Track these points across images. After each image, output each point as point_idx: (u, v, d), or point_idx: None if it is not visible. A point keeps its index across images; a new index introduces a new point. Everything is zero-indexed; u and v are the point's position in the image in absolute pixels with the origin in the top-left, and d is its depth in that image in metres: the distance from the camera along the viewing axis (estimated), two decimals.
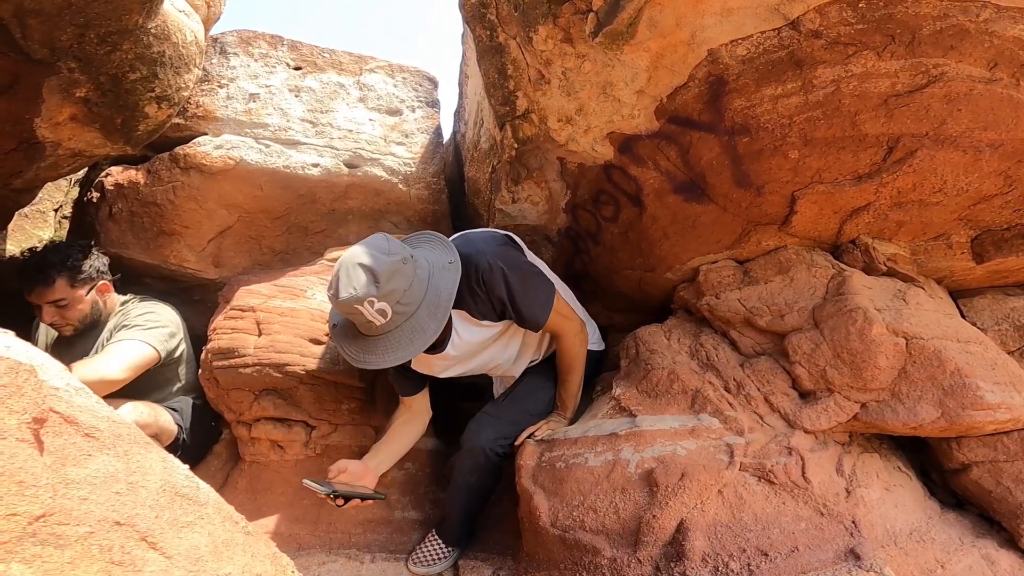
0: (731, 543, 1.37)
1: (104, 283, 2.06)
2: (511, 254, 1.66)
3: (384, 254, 1.42)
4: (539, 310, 1.66)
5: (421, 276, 1.47)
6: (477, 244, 1.62)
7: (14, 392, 0.54)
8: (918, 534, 1.45)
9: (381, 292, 1.39)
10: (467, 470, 1.76)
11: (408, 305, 1.44)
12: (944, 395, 1.42)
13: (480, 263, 1.56)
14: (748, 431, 1.50)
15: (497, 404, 1.87)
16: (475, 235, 1.71)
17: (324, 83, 2.35)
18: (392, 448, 1.79)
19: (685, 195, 1.65)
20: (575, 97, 1.61)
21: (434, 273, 1.50)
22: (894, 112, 1.32)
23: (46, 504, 0.50)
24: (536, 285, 1.67)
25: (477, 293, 1.59)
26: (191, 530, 0.67)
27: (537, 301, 1.65)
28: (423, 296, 1.46)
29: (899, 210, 1.54)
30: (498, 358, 1.85)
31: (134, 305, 2.08)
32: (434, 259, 1.55)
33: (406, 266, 1.43)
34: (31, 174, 1.84)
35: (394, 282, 1.40)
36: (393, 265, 1.41)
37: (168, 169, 2.12)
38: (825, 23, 1.22)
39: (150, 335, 1.95)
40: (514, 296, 1.60)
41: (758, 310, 1.66)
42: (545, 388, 1.88)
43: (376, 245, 1.45)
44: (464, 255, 1.57)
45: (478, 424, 1.78)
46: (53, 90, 1.56)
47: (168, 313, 2.09)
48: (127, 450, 0.65)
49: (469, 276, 1.57)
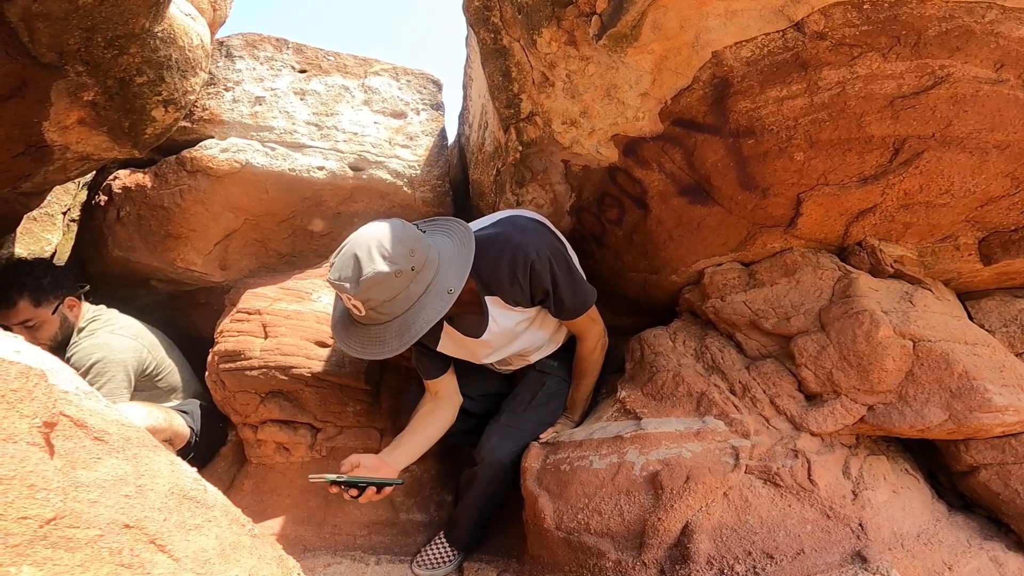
0: (736, 546, 1.36)
1: (71, 299, 2.00)
2: (559, 247, 1.62)
3: (383, 258, 1.34)
4: (580, 304, 1.66)
5: (412, 292, 1.38)
6: (530, 233, 1.58)
7: (25, 396, 0.55)
8: (925, 536, 1.44)
9: (358, 294, 1.34)
10: (486, 483, 1.73)
11: (383, 315, 1.38)
12: (952, 397, 1.41)
13: (530, 254, 1.52)
14: (754, 434, 1.49)
15: (515, 413, 1.80)
16: (525, 221, 1.65)
17: (329, 86, 2.36)
18: (414, 440, 1.67)
19: (690, 197, 1.64)
20: (579, 99, 1.61)
21: (428, 293, 1.41)
22: (900, 114, 1.31)
23: (57, 507, 0.50)
24: (580, 281, 1.65)
25: (518, 282, 1.54)
26: (199, 533, 0.67)
27: (579, 296, 1.64)
28: (401, 313, 1.38)
29: (906, 212, 1.53)
30: (535, 342, 1.80)
31: (85, 339, 1.95)
32: (440, 278, 1.44)
33: (398, 279, 1.35)
34: (39, 177, 1.85)
35: (374, 292, 1.34)
36: (381, 276, 1.33)
37: (175, 172, 2.14)
38: (830, 25, 1.22)
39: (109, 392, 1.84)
40: (559, 287, 1.58)
41: (764, 312, 1.65)
42: (563, 395, 1.86)
43: (383, 243, 1.36)
44: (515, 243, 1.53)
45: (499, 438, 1.73)
46: (61, 94, 1.57)
47: (116, 350, 1.95)
48: (136, 453, 0.65)
49: (515, 265, 1.52)
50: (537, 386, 1.84)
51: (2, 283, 1.87)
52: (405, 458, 1.64)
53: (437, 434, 1.72)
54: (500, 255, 1.53)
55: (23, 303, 1.86)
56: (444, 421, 1.74)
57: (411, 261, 1.37)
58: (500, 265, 1.53)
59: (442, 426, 1.74)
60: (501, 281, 1.54)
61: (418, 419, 1.72)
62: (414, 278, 1.37)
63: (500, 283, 1.55)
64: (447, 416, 1.75)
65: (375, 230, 1.39)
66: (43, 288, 1.91)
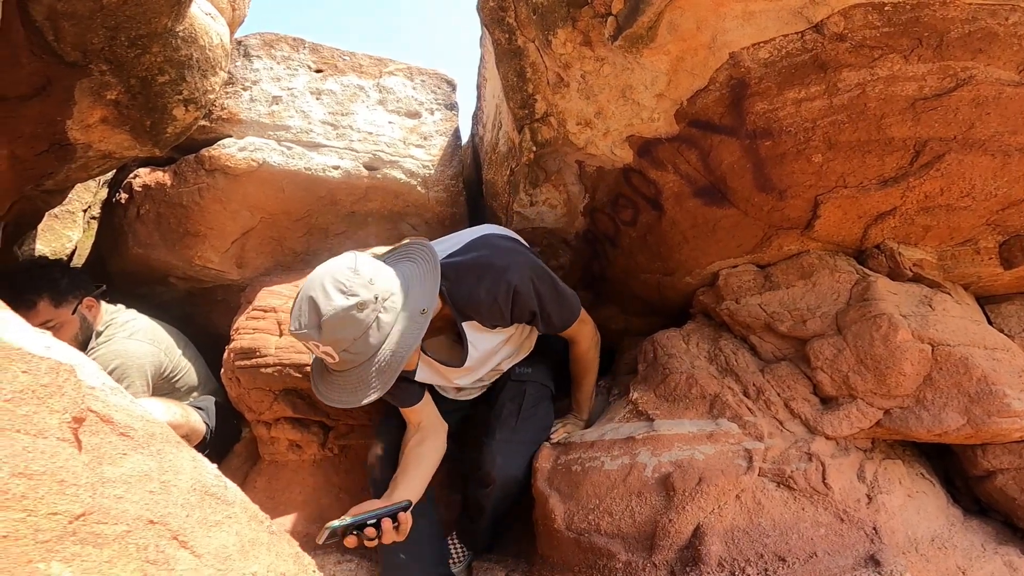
0: (748, 548, 1.36)
1: (89, 299, 1.99)
2: (537, 262, 1.57)
3: (340, 292, 1.24)
4: (568, 314, 1.63)
5: (384, 323, 1.28)
6: (508, 254, 1.51)
7: (55, 392, 0.56)
8: (940, 540, 1.43)
9: (324, 339, 1.24)
10: (499, 500, 1.70)
11: (358, 355, 1.27)
12: (970, 402, 1.39)
13: (512, 280, 1.44)
14: (767, 436, 1.48)
15: (510, 428, 1.71)
16: (499, 240, 1.58)
17: (344, 86, 2.38)
18: (411, 478, 1.56)
19: (705, 199, 1.64)
20: (594, 100, 1.61)
21: (400, 322, 1.30)
22: (921, 116, 1.30)
23: (86, 503, 0.51)
24: (564, 293, 1.60)
25: (499, 308, 1.47)
26: (220, 529, 0.68)
27: (566, 309, 1.61)
28: (376, 349, 1.28)
29: (926, 215, 1.51)
30: (508, 355, 1.75)
31: (102, 346, 1.94)
32: (410, 300, 1.35)
33: (362, 313, 1.24)
34: (62, 175, 1.88)
35: (341, 331, 1.24)
36: (342, 314, 1.23)
37: (194, 171, 2.16)
38: (850, 26, 1.21)
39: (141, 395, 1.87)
40: (545, 306, 1.54)
41: (779, 315, 1.64)
42: (545, 398, 1.82)
43: (337, 278, 1.26)
44: (496, 269, 1.45)
45: (503, 456, 1.66)
46: (85, 92, 1.60)
47: (134, 356, 1.95)
48: (160, 449, 0.67)
49: (496, 291, 1.44)
50: (519, 397, 1.77)
51: (20, 286, 1.85)
52: (407, 496, 1.53)
53: (433, 465, 1.64)
54: (479, 280, 1.45)
55: (43, 304, 1.85)
56: (436, 451, 1.66)
57: (372, 290, 1.27)
58: (478, 291, 1.45)
59: (436, 456, 1.65)
60: (479, 307, 1.47)
61: (408, 456, 1.61)
62: (381, 307, 1.27)
63: (477, 308, 1.48)
64: (437, 444, 1.67)
65: (326, 267, 1.30)
66: (61, 289, 1.90)
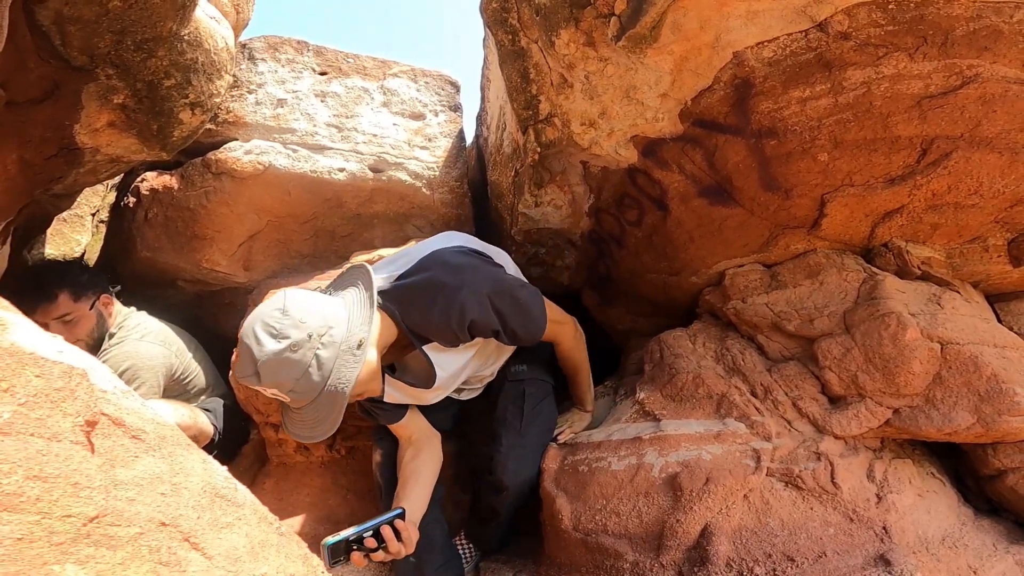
0: (756, 548, 1.36)
1: (106, 296, 2.03)
2: (494, 275, 1.48)
3: (271, 337, 1.21)
4: (534, 327, 1.54)
5: (324, 359, 1.23)
6: (461, 273, 1.42)
7: (68, 396, 0.57)
8: (951, 540, 1.42)
9: (265, 384, 1.22)
10: (512, 505, 1.70)
11: (304, 393, 1.23)
12: (980, 401, 1.38)
13: (468, 310, 1.38)
14: (775, 436, 1.48)
15: (515, 432, 1.70)
16: (453, 255, 1.49)
17: (349, 88, 2.39)
18: (410, 491, 1.54)
19: (711, 199, 1.63)
20: (598, 101, 1.61)
21: (340, 356, 1.25)
22: (928, 114, 1.29)
23: (99, 505, 0.52)
24: (528, 304, 1.51)
25: (453, 332, 1.41)
26: (230, 531, 0.69)
27: (531, 323, 1.52)
28: (323, 385, 1.23)
29: (934, 213, 1.50)
30: (481, 368, 1.70)
31: (115, 347, 1.96)
32: (349, 333, 1.29)
33: (296, 354, 1.20)
34: (70, 179, 1.90)
35: (279, 375, 1.21)
36: (274, 358, 1.19)
37: (200, 174, 2.18)
38: (854, 25, 1.20)
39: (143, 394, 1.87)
40: (507, 323, 1.46)
41: (786, 314, 1.64)
42: (547, 394, 1.80)
43: (266, 322, 1.23)
44: (448, 292, 1.38)
45: (514, 462, 1.65)
46: (92, 96, 1.61)
47: (146, 357, 1.96)
48: (171, 452, 0.67)
49: (450, 318, 1.38)
50: (520, 399, 1.74)
51: (40, 280, 1.90)
52: (410, 511, 1.50)
53: (432, 477, 1.62)
54: (431, 303, 1.39)
55: (63, 297, 1.89)
56: (432, 462, 1.63)
57: (304, 329, 1.22)
58: (431, 315, 1.39)
59: (433, 467, 1.63)
60: (434, 330, 1.42)
61: (405, 471, 1.59)
62: (318, 344, 1.23)
63: (434, 331, 1.42)
64: (432, 456, 1.64)
65: (257, 311, 1.28)
66: (82, 284, 1.94)
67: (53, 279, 1.90)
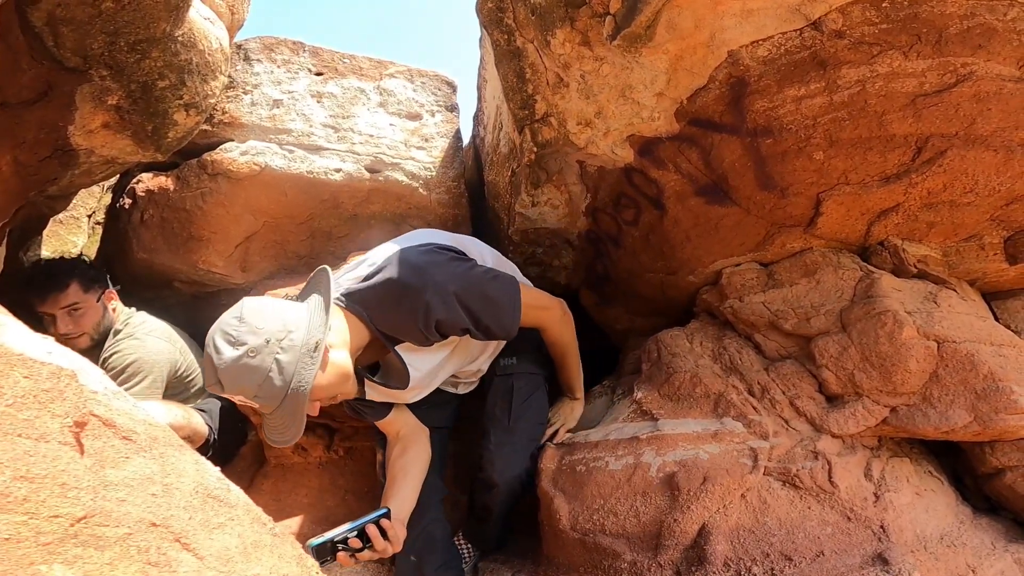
0: (754, 547, 1.36)
1: (110, 291, 2.08)
2: (460, 270, 1.44)
3: (229, 344, 1.20)
4: (508, 320, 1.48)
5: (285, 363, 1.21)
6: (425, 271, 1.38)
7: (56, 396, 0.57)
8: (949, 539, 1.42)
9: (229, 391, 1.22)
10: (504, 502, 1.70)
11: (268, 399, 1.22)
12: (977, 399, 1.38)
13: (431, 301, 1.35)
14: (773, 435, 1.48)
15: (504, 428, 1.68)
16: (415, 254, 1.44)
17: (345, 88, 2.38)
18: (398, 489, 1.54)
19: (707, 198, 1.63)
20: (594, 100, 1.61)
21: (300, 359, 1.24)
22: (922, 112, 1.29)
23: (87, 506, 0.52)
24: (499, 296, 1.47)
25: (421, 333, 1.39)
26: (222, 531, 0.68)
27: (503, 312, 1.47)
28: (286, 389, 1.22)
29: (929, 211, 1.50)
30: (462, 364, 1.68)
31: (121, 341, 2.00)
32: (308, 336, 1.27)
33: (255, 360, 1.19)
34: (65, 181, 1.90)
35: (240, 381, 1.20)
36: (233, 365, 1.19)
37: (196, 175, 2.17)
38: (848, 23, 1.20)
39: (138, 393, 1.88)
40: (479, 319, 1.43)
41: (783, 313, 1.63)
42: (537, 387, 1.76)
43: (224, 330, 1.22)
44: (412, 292, 1.36)
45: (502, 458, 1.65)
46: (86, 98, 1.61)
47: (152, 352, 1.99)
48: (162, 452, 0.67)
49: (415, 319, 1.36)
50: (508, 394, 1.72)
51: (51, 271, 1.96)
52: (398, 508, 1.51)
53: (420, 473, 1.62)
54: (396, 305, 1.37)
55: (74, 287, 1.94)
56: (420, 459, 1.63)
57: (261, 335, 1.21)
58: (397, 316, 1.38)
59: (421, 464, 1.62)
60: (403, 330, 1.40)
61: (393, 468, 1.61)
62: (278, 349, 1.22)
63: (402, 332, 1.41)
64: (419, 452, 1.64)
65: (219, 320, 1.27)
66: (90, 276, 2.01)
67: (64, 270, 1.96)
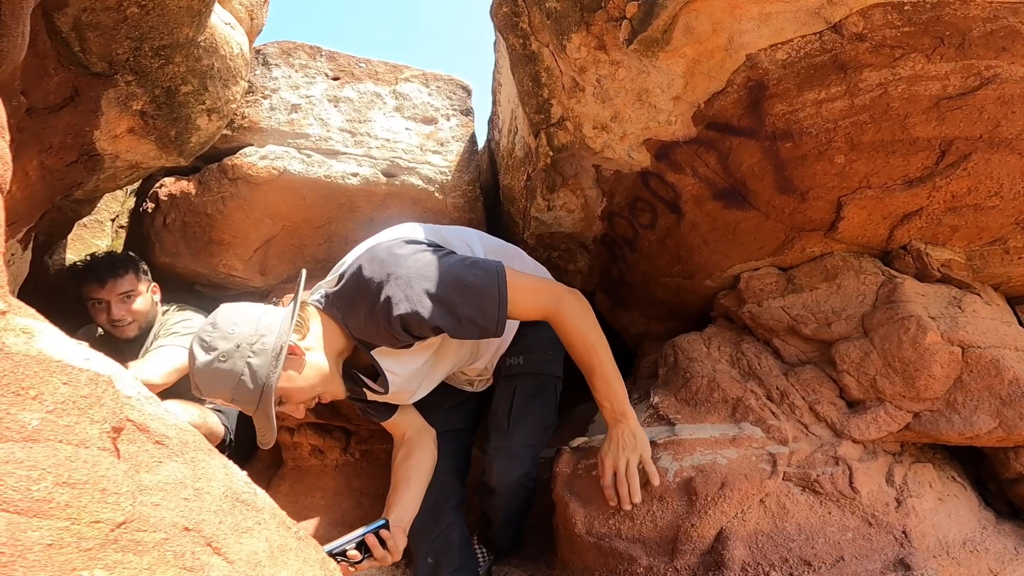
0: (773, 553, 1.35)
1: (155, 285, 2.18)
2: (427, 261, 1.32)
3: (202, 349, 1.22)
4: (492, 307, 1.31)
5: (258, 367, 1.21)
6: (386, 268, 1.31)
7: (95, 402, 0.58)
8: (971, 544, 1.40)
9: (207, 395, 1.23)
10: (505, 505, 1.68)
11: (245, 403, 1.23)
12: (1002, 405, 1.37)
13: (394, 297, 1.27)
14: (792, 440, 1.47)
15: (502, 432, 1.63)
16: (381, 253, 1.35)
17: (361, 93, 2.40)
18: (401, 495, 1.52)
19: (725, 202, 1.63)
20: (610, 104, 1.61)
21: (269, 363, 1.22)
22: (946, 115, 1.28)
23: (126, 511, 0.53)
24: (475, 278, 1.32)
25: (389, 333, 1.32)
26: (250, 535, 0.69)
27: (485, 298, 1.31)
28: (261, 392, 1.21)
29: (953, 214, 1.48)
30: (459, 363, 1.62)
31: (172, 314, 2.16)
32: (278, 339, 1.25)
33: (226, 364, 1.20)
34: (91, 185, 1.93)
35: (214, 385, 1.21)
36: (205, 369, 1.20)
37: (217, 180, 2.20)
38: (869, 26, 1.19)
39: (187, 340, 1.98)
40: (460, 313, 1.30)
41: (803, 318, 1.62)
42: (543, 387, 1.69)
43: (200, 336, 1.24)
44: (372, 289, 1.30)
45: (499, 464, 1.61)
46: (111, 103, 1.63)
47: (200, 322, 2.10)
48: (193, 456, 0.68)
49: (379, 319, 1.29)
50: (509, 396, 1.66)
51: (112, 260, 2.10)
52: (405, 517, 1.50)
53: (425, 477, 1.58)
54: (364, 306, 1.32)
55: (131, 275, 2.07)
56: (427, 462, 1.60)
57: (232, 339, 1.22)
58: (364, 318, 1.33)
59: (426, 467, 1.59)
60: (371, 333, 1.34)
61: (397, 473, 1.58)
62: (249, 353, 1.22)
63: (371, 334, 1.35)
64: (425, 455, 1.61)
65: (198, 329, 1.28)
66: (142, 268, 2.14)
67: (122, 259, 2.11)
